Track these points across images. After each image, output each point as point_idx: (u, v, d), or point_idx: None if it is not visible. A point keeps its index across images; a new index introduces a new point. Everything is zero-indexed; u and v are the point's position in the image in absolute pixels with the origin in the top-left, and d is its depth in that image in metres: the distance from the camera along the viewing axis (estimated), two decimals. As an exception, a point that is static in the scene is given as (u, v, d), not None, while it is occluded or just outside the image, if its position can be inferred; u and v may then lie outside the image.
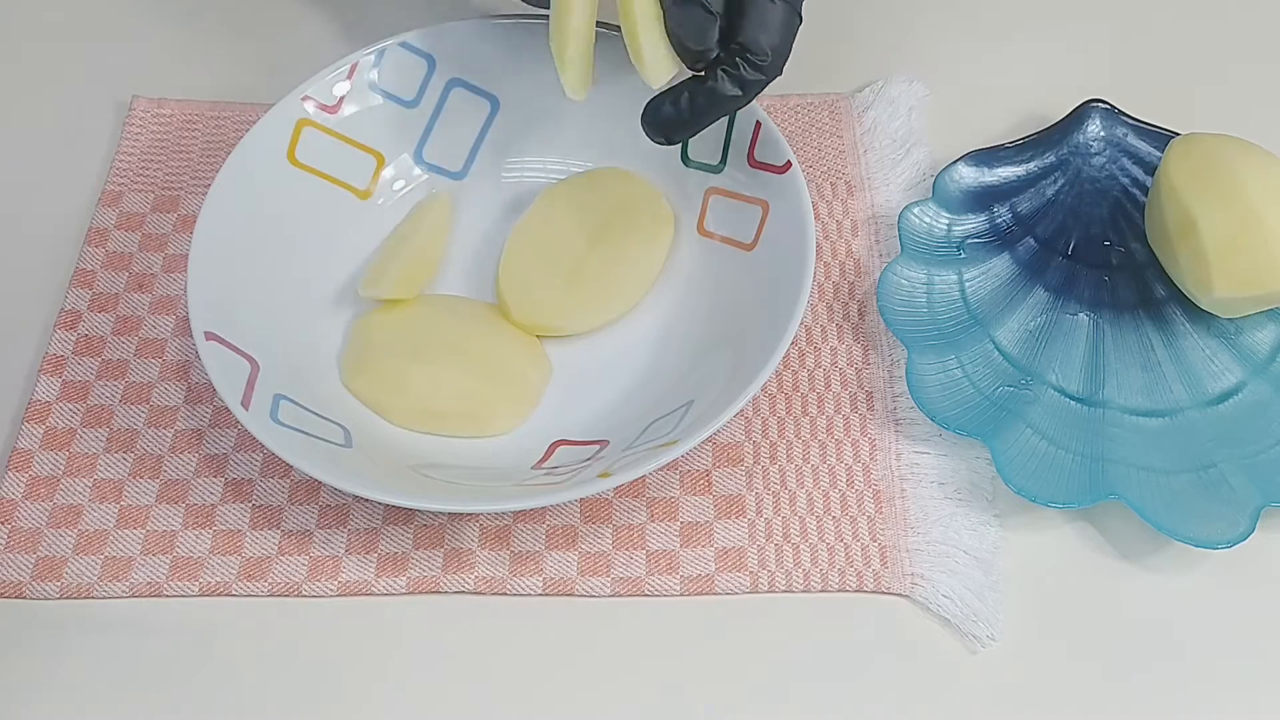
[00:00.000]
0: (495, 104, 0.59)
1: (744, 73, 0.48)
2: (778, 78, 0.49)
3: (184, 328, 0.55)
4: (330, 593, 0.49)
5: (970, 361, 0.53)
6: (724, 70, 0.48)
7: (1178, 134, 0.58)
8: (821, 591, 0.49)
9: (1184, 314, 0.54)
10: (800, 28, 0.49)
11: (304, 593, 0.49)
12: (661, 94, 0.49)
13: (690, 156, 0.57)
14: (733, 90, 0.48)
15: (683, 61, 0.49)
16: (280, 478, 0.51)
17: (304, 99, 0.56)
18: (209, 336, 0.49)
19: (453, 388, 0.52)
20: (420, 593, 0.49)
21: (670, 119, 0.49)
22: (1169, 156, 0.54)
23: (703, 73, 0.49)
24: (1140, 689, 0.47)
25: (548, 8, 0.55)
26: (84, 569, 0.49)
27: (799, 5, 0.48)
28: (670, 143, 0.50)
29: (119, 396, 0.53)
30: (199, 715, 0.46)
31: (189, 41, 0.66)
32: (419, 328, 0.53)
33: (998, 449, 0.49)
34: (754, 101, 0.55)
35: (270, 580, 0.49)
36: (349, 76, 0.57)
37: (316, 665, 0.47)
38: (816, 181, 0.60)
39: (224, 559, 0.49)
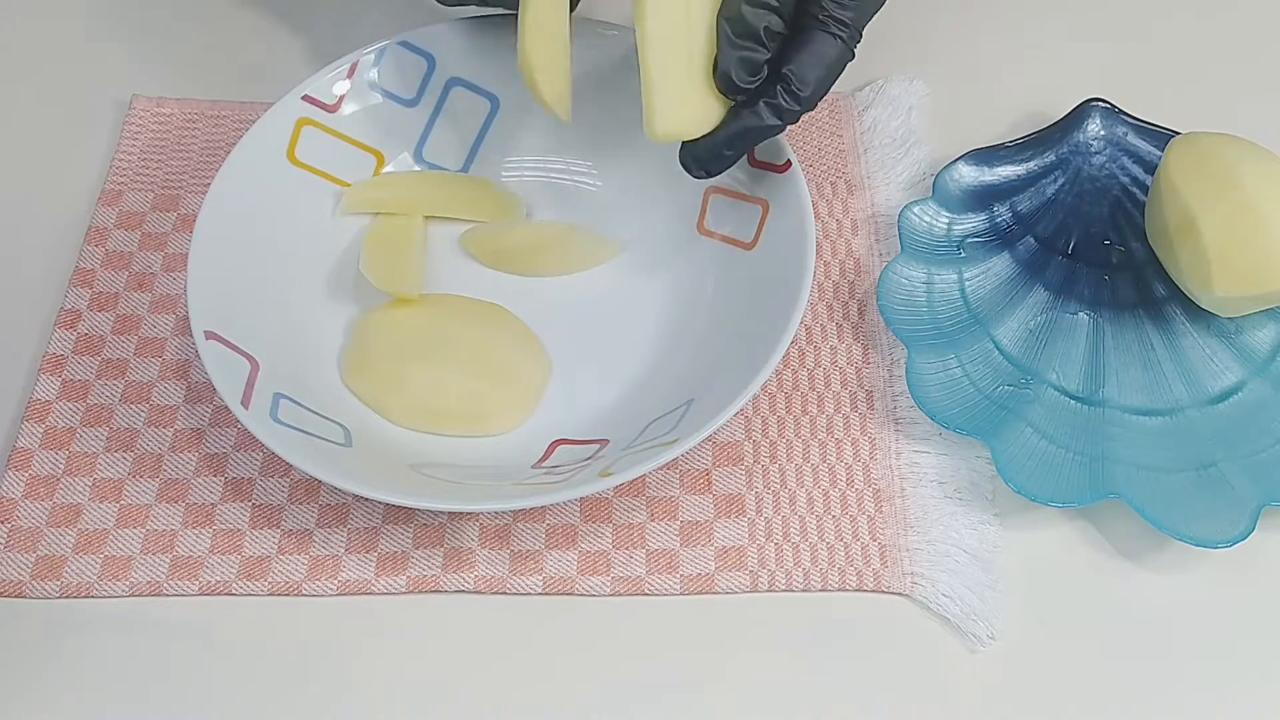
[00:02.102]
0: (495, 103, 0.59)
1: (783, 103, 0.48)
2: (813, 108, 0.49)
3: (184, 327, 0.55)
4: (330, 592, 0.49)
5: (970, 360, 0.53)
6: (766, 101, 0.48)
7: (1178, 133, 0.58)
8: (821, 591, 0.49)
9: (1184, 313, 0.54)
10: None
11: (304, 592, 0.49)
12: (700, 139, 0.50)
13: (690, 156, 0.57)
14: (771, 120, 0.49)
15: (725, 95, 0.49)
16: (280, 477, 0.51)
17: (304, 98, 0.56)
18: (209, 335, 0.49)
19: (453, 387, 0.52)
20: (420, 592, 0.49)
21: (708, 153, 0.50)
22: (1169, 155, 0.54)
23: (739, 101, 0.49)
24: (1140, 688, 0.47)
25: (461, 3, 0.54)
26: (84, 568, 0.49)
27: (854, 44, 0.49)
28: (710, 175, 0.51)
29: (119, 396, 0.53)
30: (199, 715, 0.46)
31: (189, 41, 0.66)
32: (420, 327, 0.53)
33: (998, 448, 0.49)
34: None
35: (270, 579, 0.49)
36: (349, 75, 0.57)
37: (316, 664, 0.47)
38: (816, 180, 0.59)
39: (224, 558, 0.49)
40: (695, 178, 0.51)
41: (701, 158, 0.50)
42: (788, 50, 0.48)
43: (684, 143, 0.50)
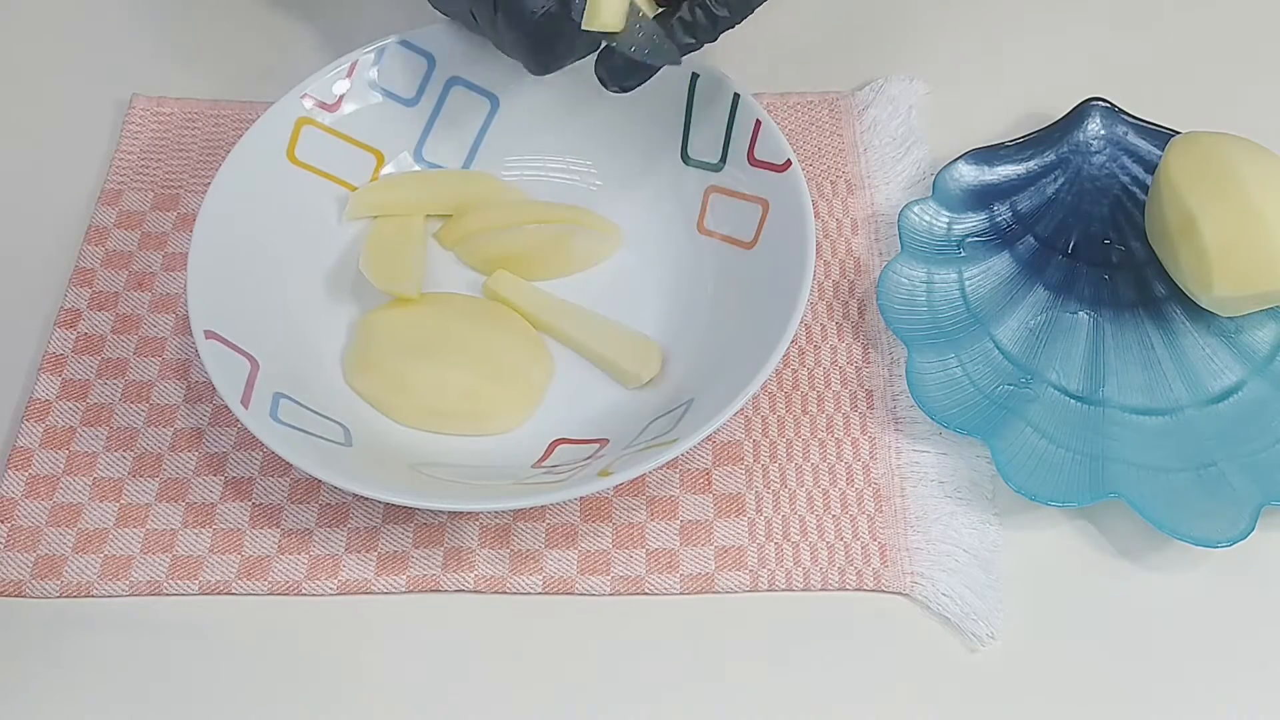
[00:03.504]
0: (495, 102, 0.59)
1: (699, 19, 0.48)
2: (731, 28, 0.49)
3: (184, 326, 0.55)
4: (330, 591, 0.49)
5: (970, 360, 0.53)
6: (679, 18, 0.48)
7: (1178, 132, 0.58)
8: (821, 590, 0.49)
9: (1184, 312, 0.54)
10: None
11: (304, 591, 0.49)
12: (614, 52, 0.50)
13: (690, 155, 0.57)
14: (685, 39, 0.49)
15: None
16: (280, 476, 0.51)
17: (304, 97, 0.56)
18: (209, 335, 0.49)
19: (456, 387, 0.52)
20: (420, 591, 0.49)
21: (623, 67, 0.50)
22: (1169, 155, 0.54)
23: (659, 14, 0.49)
24: (1140, 688, 0.47)
25: (447, 13, 0.54)
26: (84, 568, 0.49)
27: None
28: (624, 90, 0.51)
29: (119, 395, 0.53)
30: (199, 715, 0.46)
31: (189, 41, 0.66)
32: (423, 327, 0.53)
33: (998, 447, 0.49)
34: (754, 100, 0.55)
35: (270, 579, 0.49)
36: (349, 75, 0.57)
37: (316, 664, 0.47)
38: (816, 180, 0.59)
39: (224, 558, 0.49)
40: (610, 91, 0.51)
41: (617, 71, 0.50)
42: None
43: (599, 54, 0.50)
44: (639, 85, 0.51)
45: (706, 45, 0.49)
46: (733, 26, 0.49)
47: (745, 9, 0.49)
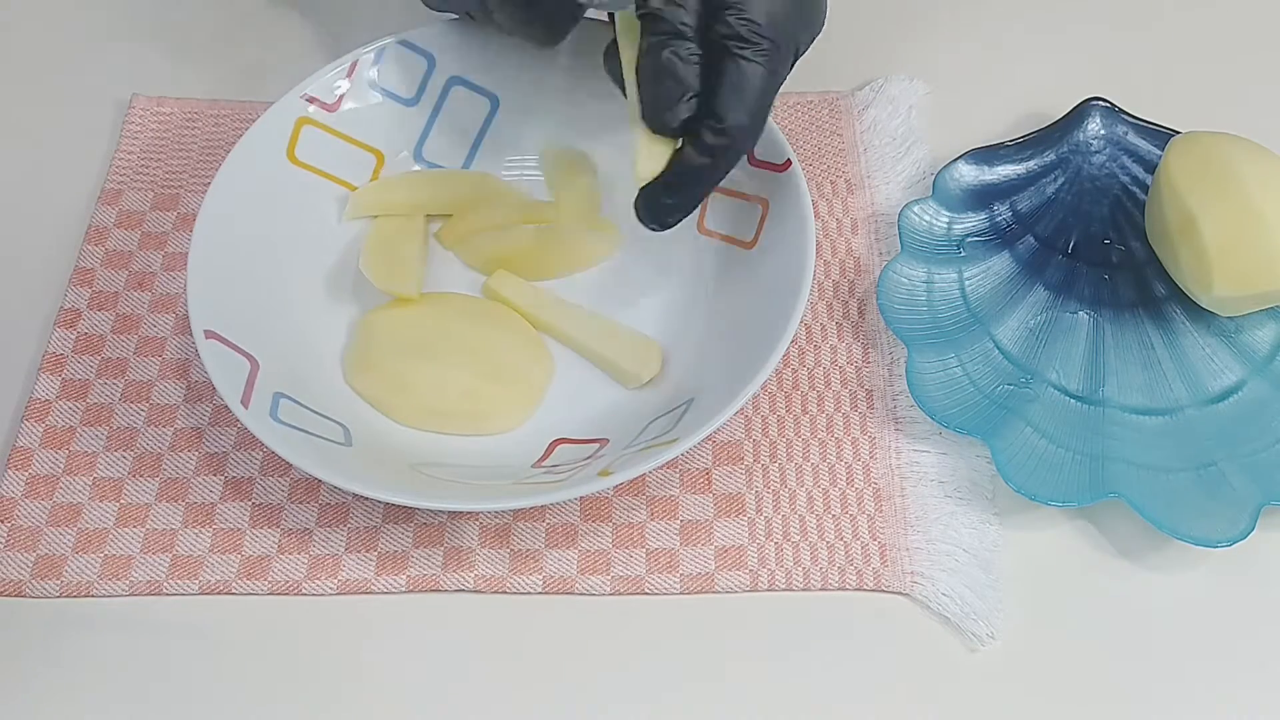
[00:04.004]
0: (495, 102, 0.59)
1: (710, 140, 0.46)
2: (752, 145, 0.47)
3: (184, 326, 0.55)
4: (330, 591, 0.49)
5: (970, 360, 0.53)
6: (693, 142, 0.46)
7: (1178, 132, 0.58)
8: (821, 590, 0.49)
9: (1184, 312, 0.54)
10: (781, 88, 0.47)
11: (304, 591, 0.49)
12: (646, 185, 0.48)
13: (690, 155, 0.57)
14: (701, 159, 0.46)
15: (658, 133, 0.47)
16: (280, 476, 0.51)
17: (304, 97, 0.56)
18: (208, 335, 0.49)
19: (456, 387, 0.52)
20: (420, 591, 0.49)
21: (664, 206, 0.48)
22: (1169, 155, 0.54)
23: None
24: (1140, 688, 0.47)
25: (447, 9, 0.54)
26: (84, 567, 0.49)
27: (783, 69, 0.46)
28: (664, 228, 0.49)
29: (119, 395, 0.53)
30: (199, 714, 0.46)
31: (189, 41, 0.66)
32: (423, 327, 0.53)
33: (998, 447, 0.49)
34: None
35: (270, 579, 0.49)
36: (349, 74, 0.57)
37: (316, 664, 0.47)
38: (816, 180, 0.59)
39: (224, 557, 0.49)
40: (650, 229, 0.49)
41: (650, 206, 0.49)
42: (709, 84, 0.46)
43: (639, 192, 0.49)
44: (679, 223, 0.49)
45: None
46: (750, 136, 0.47)
47: (754, 116, 0.46)
